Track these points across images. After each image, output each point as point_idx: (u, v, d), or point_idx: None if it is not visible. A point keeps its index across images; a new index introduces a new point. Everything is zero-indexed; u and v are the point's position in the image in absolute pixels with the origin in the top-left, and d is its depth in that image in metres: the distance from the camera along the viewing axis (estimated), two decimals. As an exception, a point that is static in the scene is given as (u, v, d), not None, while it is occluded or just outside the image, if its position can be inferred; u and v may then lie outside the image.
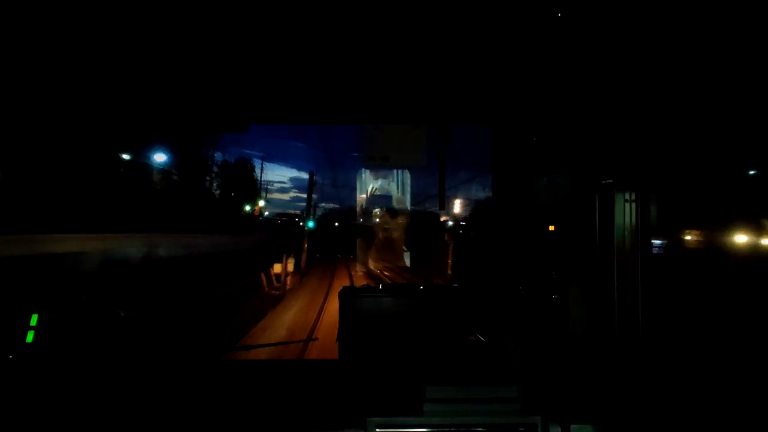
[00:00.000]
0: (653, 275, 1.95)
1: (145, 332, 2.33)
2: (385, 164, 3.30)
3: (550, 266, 2.37)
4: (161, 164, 17.84)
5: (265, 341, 8.08)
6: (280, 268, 15.71)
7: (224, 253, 17.91)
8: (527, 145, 2.63)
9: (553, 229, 2.36)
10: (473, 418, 1.57)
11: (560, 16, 1.82)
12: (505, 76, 2.37)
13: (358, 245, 19.88)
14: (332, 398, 1.97)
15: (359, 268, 18.57)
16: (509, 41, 2.06)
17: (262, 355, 4.06)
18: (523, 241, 2.77)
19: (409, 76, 2.37)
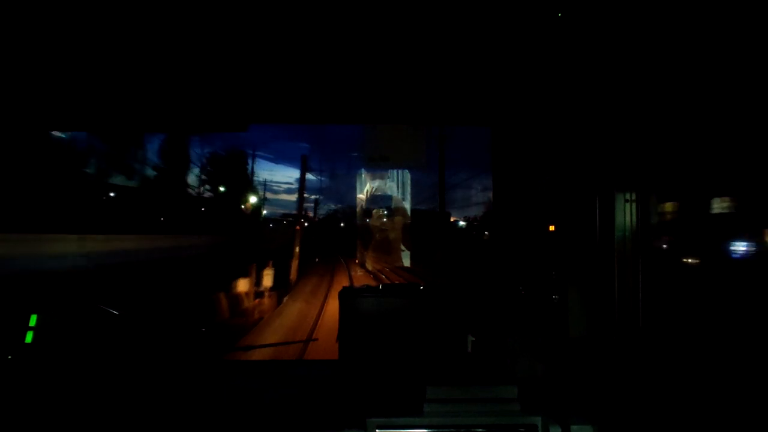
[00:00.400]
0: (653, 275, 1.95)
1: (144, 332, 2.33)
2: (384, 164, 3.29)
3: (550, 266, 2.37)
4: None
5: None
6: (246, 284, 11.56)
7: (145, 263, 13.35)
8: (527, 145, 2.63)
9: (553, 229, 2.36)
10: (473, 418, 1.57)
11: (560, 16, 1.82)
12: (505, 76, 2.36)
13: (358, 248, 19.58)
14: (332, 398, 1.97)
15: (360, 272, 17.99)
16: (509, 41, 2.06)
17: (262, 355, 4.06)
18: (523, 241, 2.77)
19: (409, 76, 2.37)
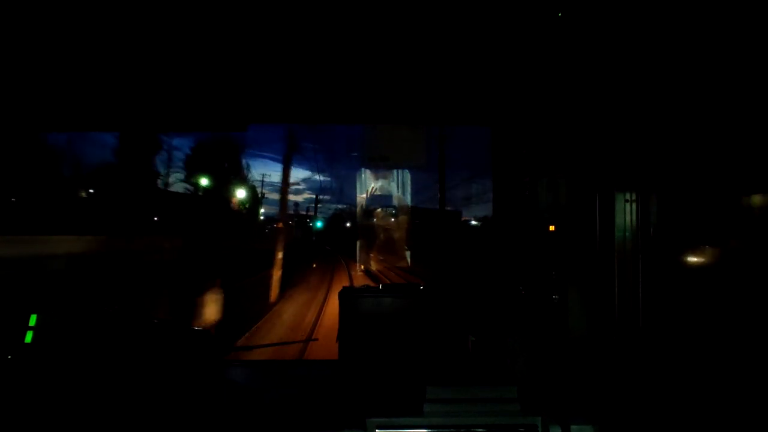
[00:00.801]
0: (654, 275, 1.95)
1: (144, 331, 2.33)
2: (384, 164, 3.29)
3: (550, 266, 2.37)
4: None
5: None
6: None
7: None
8: (528, 145, 2.63)
9: (553, 229, 2.36)
10: (473, 418, 1.57)
11: (560, 16, 1.82)
12: (505, 76, 2.36)
13: (361, 250, 19.41)
14: (332, 398, 1.97)
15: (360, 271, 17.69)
16: (509, 41, 2.05)
17: (262, 355, 4.06)
18: (523, 241, 2.77)
19: (409, 76, 2.36)
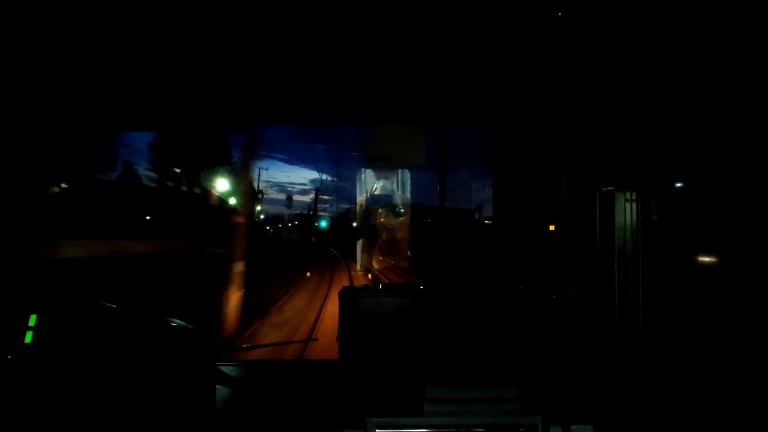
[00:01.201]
0: (654, 274, 1.95)
1: (143, 330, 2.33)
2: (384, 164, 3.29)
3: (550, 266, 2.37)
4: None
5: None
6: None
7: None
8: (528, 145, 2.63)
9: (553, 228, 2.36)
10: (473, 418, 1.57)
11: (560, 15, 1.82)
12: (505, 76, 2.36)
13: (360, 248, 19.19)
14: (332, 398, 1.97)
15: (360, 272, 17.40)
16: (510, 41, 2.05)
17: (261, 355, 4.06)
18: (523, 241, 2.77)
19: (409, 76, 2.36)
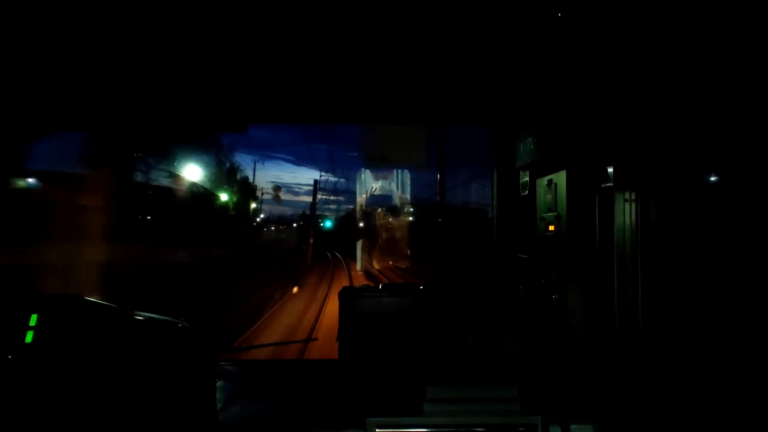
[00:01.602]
0: (653, 275, 1.94)
1: (143, 331, 2.33)
2: (384, 164, 3.30)
3: (550, 266, 2.37)
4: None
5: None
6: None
7: None
8: (528, 145, 2.63)
9: (553, 229, 2.36)
10: (473, 418, 1.57)
11: (560, 15, 1.82)
12: (505, 76, 2.36)
13: (360, 249, 19.04)
14: (332, 398, 1.97)
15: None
16: (509, 41, 2.05)
17: (261, 355, 4.06)
18: (523, 241, 2.77)
19: (409, 76, 2.36)
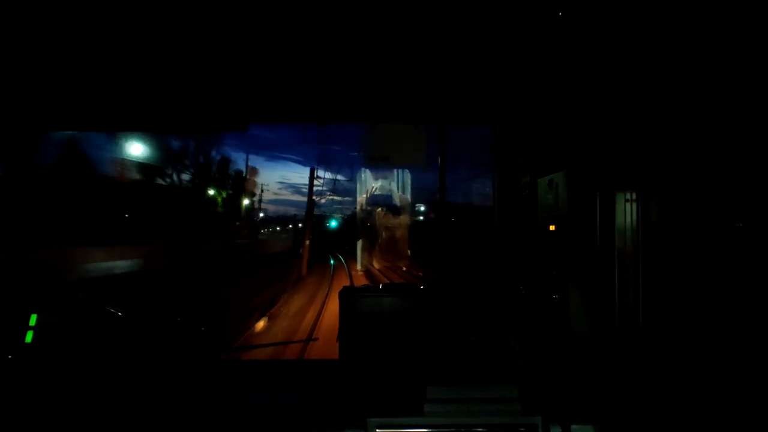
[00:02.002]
0: (654, 275, 1.94)
1: (143, 331, 2.33)
2: (385, 164, 3.30)
3: (550, 266, 2.37)
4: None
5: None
6: None
7: None
8: (528, 145, 2.63)
9: (553, 228, 2.36)
10: (473, 418, 1.57)
11: (560, 15, 1.82)
12: (505, 76, 2.36)
13: (360, 249, 18.98)
14: (332, 398, 1.97)
15: None
16: (510, 41, 2.05)
17: (262, 355, 4.06)
18: (523, 240, 2.77)
19: (409, 76, 2.36)
